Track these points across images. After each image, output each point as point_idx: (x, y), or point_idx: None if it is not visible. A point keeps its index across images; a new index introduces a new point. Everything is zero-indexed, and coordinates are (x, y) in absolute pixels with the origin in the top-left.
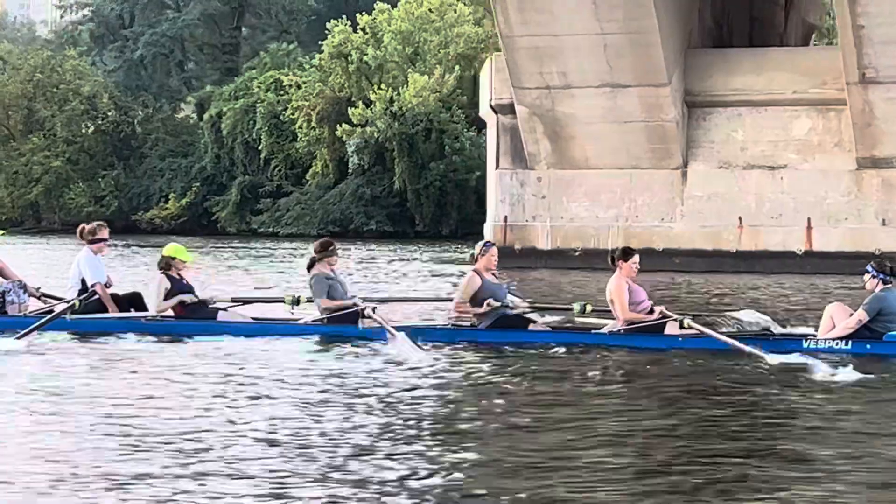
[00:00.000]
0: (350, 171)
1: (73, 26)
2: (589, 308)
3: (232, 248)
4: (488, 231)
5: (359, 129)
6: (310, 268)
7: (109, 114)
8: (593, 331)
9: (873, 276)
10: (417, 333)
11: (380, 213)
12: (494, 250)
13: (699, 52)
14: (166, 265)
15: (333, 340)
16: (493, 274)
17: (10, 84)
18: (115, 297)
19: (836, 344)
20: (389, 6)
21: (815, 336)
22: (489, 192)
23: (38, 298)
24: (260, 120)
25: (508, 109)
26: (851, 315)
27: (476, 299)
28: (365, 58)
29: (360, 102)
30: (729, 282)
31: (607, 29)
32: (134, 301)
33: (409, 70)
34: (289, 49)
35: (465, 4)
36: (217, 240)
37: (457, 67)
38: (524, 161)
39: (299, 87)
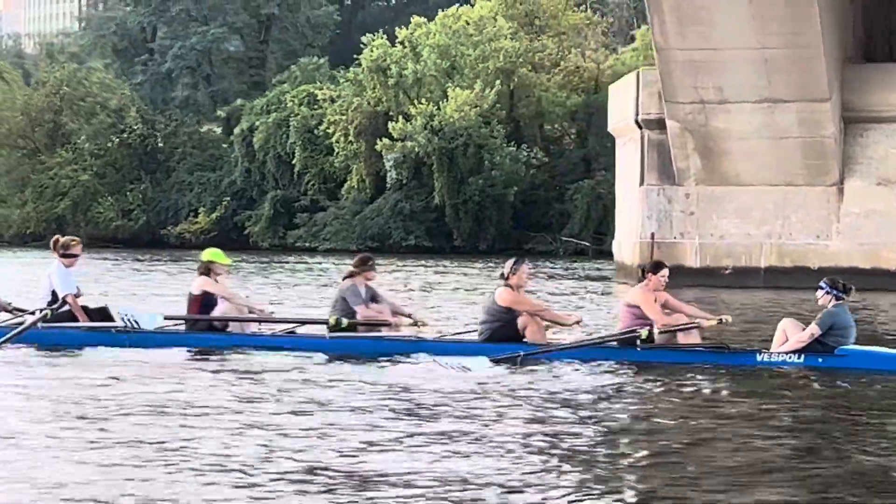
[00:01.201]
0: (388, 185)
1: (96, 39)
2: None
3: (282, 263)
4: (626, 248)
5: (399, 144)
6: (346, 278)
7: (136, 127)
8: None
9: (827, 293)
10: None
11: (418, 227)
12: (525, 267)
13: (857, 66)
14: (206, 270)
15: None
16: (523, 292)
17: (35, 97)
18: (84, 308)
19: (790, 357)
20: (426, 20)
21: (768, 350)
22: (623, 209)
23: (10, 312)
24: (293, 134)
25: (657, 124)
26: (804, 330)
27: (512, 314)
28: (405, 72)
29: (400, 117)
30: (889, 301)
31: (768, 43)
32: (103, 313)
33: (448, 84)
34: (319, 63)
35: (504, 18)
36: (251, 254)
37: (497, 82)
38: (672, 177)
39: (333, 101)
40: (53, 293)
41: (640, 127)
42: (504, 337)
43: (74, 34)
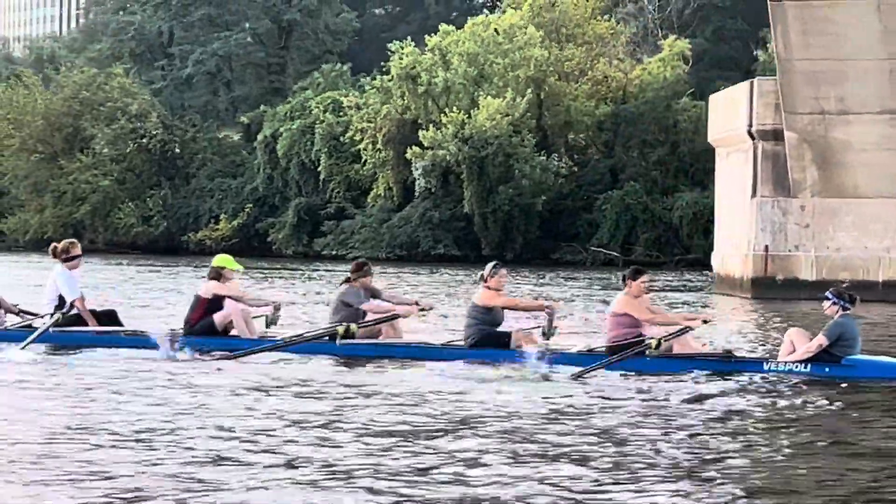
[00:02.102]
0: (416, 193)
1: (115, 43)
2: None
3: (312, 271)
4: (733, 261)
5: (429, 152)
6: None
7: (157, 132)
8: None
9: (833, 303)
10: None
11: (446, 236)
12: (504, 272)
13: None
14: (216, 275)
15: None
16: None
17: (55, 102)
18: (92, 312)
19: (797, 367)
20: (454, 27)
21: (776, 359)
22: (728, 221)
23: (16, 314)
24: (319, 141)
25: (772, 135)
26: (811, 339)
27: (492, 314)
28: (435, 80)
29: (430, 125)
30: None
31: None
32: (110, 316)
33: (479, 93)
34: (342, 70)
35: (535, 27)
36: (275, 261)
37: (528, 91)
38: (787, 189)
39: (359, 108)
40: (60, 298)
41: (752, 137)
42: (488, 336)
43: (63, 38)
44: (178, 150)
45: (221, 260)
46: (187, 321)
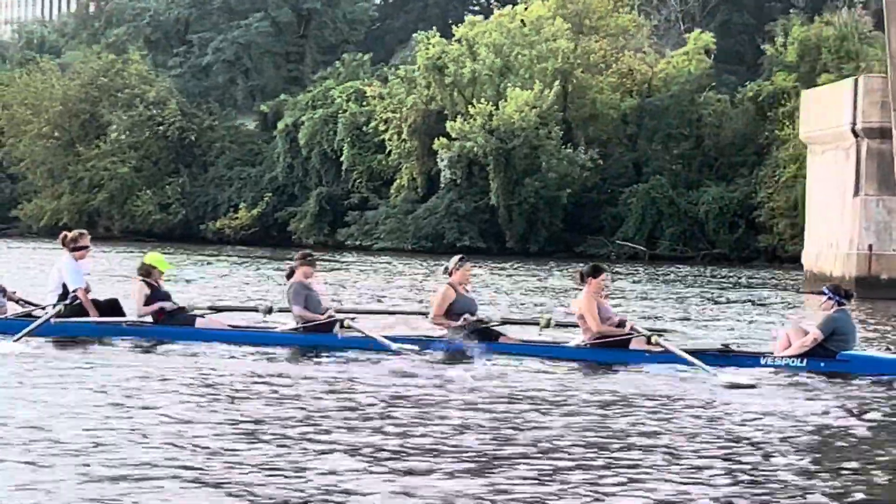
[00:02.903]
0: (442, 184)
1: (130, 30)
2: (553, 322)
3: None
4: (830, 259)
5: (457, 143)
6: (289, 277)
7: (175, 120)
8: (561, 344)
9: (829, 298)
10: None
11: (472, 228)
12: (469, 266)
13: None
14: (146, 272)
15: (309, 349)
16: (465, 289)
17: (72, 88)
18: (94, 302)
19: (793, 361)
20: (482, 17)
21: (772, 354)
22: (823, 218)
23: (17, 302)
24: (342, 130)
25: (878, 133)
26: (807, 335)
27: (450, 312)
28: (463, 70)
29: (458, 116)
30: None
31: None
32: (113, 306)
33: (507, 84)
34: (362, 59)
35: (563, 19)
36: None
37: (556, 83)
38: (891, 187)
39: (382, 98)
40: (64, 286)
41: (856, 135)
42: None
43: (52, 22)
44: (195, 138)
45: (152, 259)
46: (154, 319)
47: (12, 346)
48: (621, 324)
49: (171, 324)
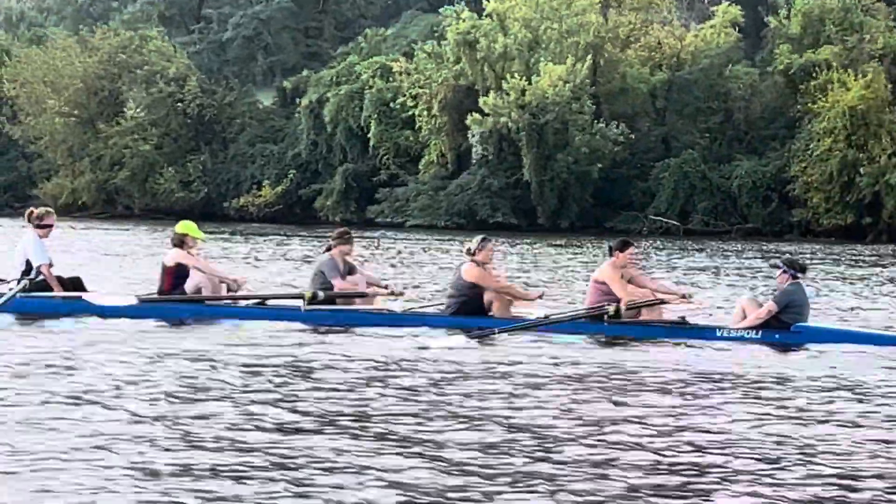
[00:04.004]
0: (473, 160)
1: (143, 6)
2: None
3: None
4: None
5: (490, 119)
6: (326, 251)
7: (195, 97)
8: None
9: (784, 272)
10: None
11: (504, 204)
12: (491, 245)
13: None
14: (180, 242)
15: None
16: (490, 269)
17: (91, 65)
18: (58, 278)
19: (748, 333)
20: None
21: (728, 326)
22: None
23: None
24: (369, 106)
25: None
26: (761, 307)
27: (476, 289)
28: (495, 45)
29: (490, 91)
30: None
31: None
32: (76, 284)
33: (540, 59)
34: (385, 34)
35: None
36: (325, 229)
37: (588, 57)
38: None
39: (409, 73)
40: (28, 263)
41: None
42: (470, 312)
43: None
44: (215, 115)
45: (185, 227)
46: (159, 290)
47: None
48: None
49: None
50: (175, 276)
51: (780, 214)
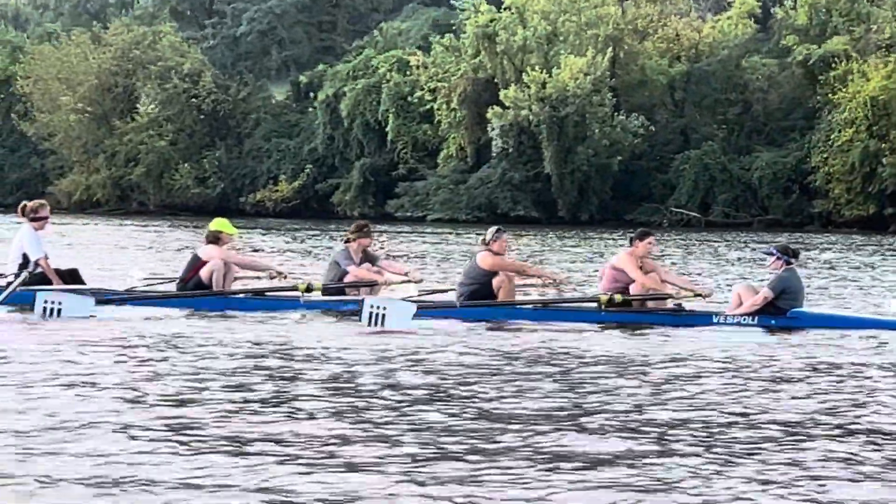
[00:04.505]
0: (493, 154)
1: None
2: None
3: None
4: None
5: (510, 112)
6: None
7: (210, 92)
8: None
9: (777, 258)
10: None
11: (525, 197)
12: (505, 237)
13: None
14: (215, 239)
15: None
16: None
17: (105, 61)
18: (56, 270)
19: (744, 319)
20: None
21: (724, 313)
22: None
23: None
24: (387, 101)
25: None
26: (757, 293)
27: (490, 277)
28: (514, 38)
29: (512, 84)
30: None
31: None
32: (73, 276)
33: (560, 51)
34: (401, 27)
35: None
36: (343, 223)
37: (609, 49)
38: None
39: (426, 67)
40: (24, 256)
41: None
42: (480, 298)
43: None
44: (229, 110)
45: (219, 224)
46: (181, 279)
47: None
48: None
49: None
50: (201, 269)
51: (800, 205)
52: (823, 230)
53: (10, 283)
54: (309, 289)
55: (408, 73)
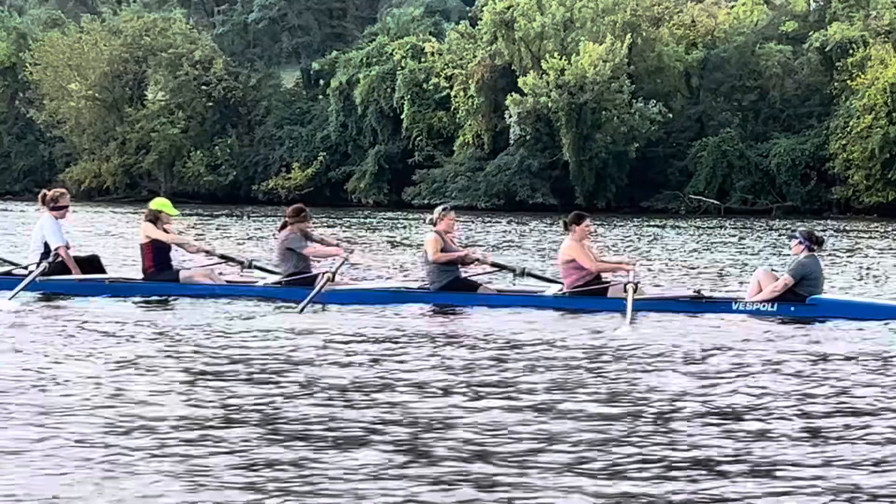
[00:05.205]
0: (511, 141)
1: None
2: (526, 271)
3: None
4: None
5: (529, 99)
6: (281, 229)
7: (222, 80)
8: (539, 294)
9: (800, 243)
10: (365, 295)
11: (543, 185)
12: (453, 214)
13: None
14: (154, 218)
15: (292, 302)
16: (451, 238)
17: (117, 48)
18: (75, 258)
19: (764, 306)
20: None
21: (743, 299)
22: None
23: None
24: (402, 88)
25: None
26: (777, 280)
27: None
28: (533, 25)
29: (531, 71)
30: None
31: None
32: (93, 262)
33: (578, 38)
34: (414, 14)
35: None
36: (361, 211)
37: (628, 36)
38: None
39: (441, 54)
40: (46, 245)
41: None
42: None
43: None
44: (240, 97)
45: (159, 204)
46: (143, 270)
47: (9, 304)
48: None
49: (155, 279)
50: (154, 252)
51: (818, 192)
52: (842, 217)
53: (31, 272)
54: (250, 265)
55: (422, 59)
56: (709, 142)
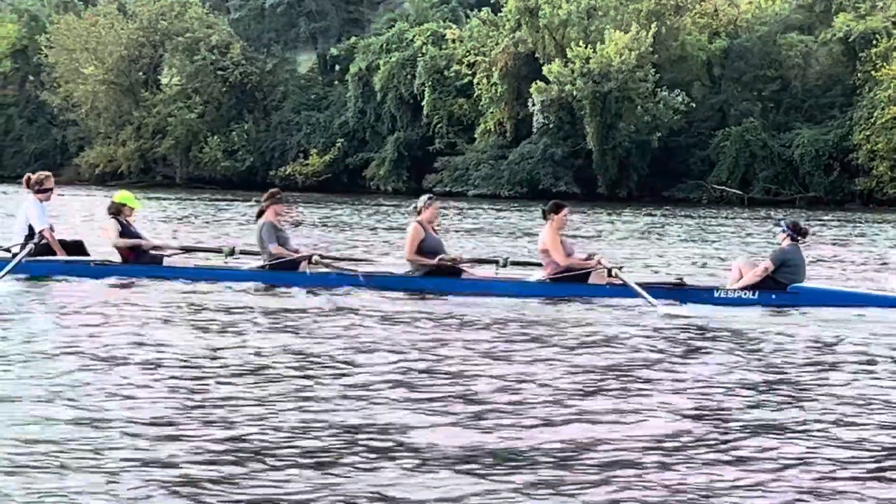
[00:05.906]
0: (534, 129)
1: None
2: (509, 261)
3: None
4: None
5: (554, 87)
6: (258, 217)
7: (239, 65)
8: (522, 280)
9: (783, 231)
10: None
11: (566, 174)
12: (438, 204)
13: None
14: (117, 210)
15: (276, 286)
16: (434, 228)
17: (133, 32)
18: (60, 242)
19: (745, 294)
20: None
21: (724, 287)
22: None
23: None
24: (422, 74)
25: None
26: (756, 267)
27: (421, 250)
28: (558, 12)
29: (556, 59)
30: None
31: None
32: (78, 247)
33: (604, 27)
34: (433, 0)
35: None
36: (380, 198)
37: (653, 24)
38: None
39: (461, 41)
40: (30, 227)
41: None
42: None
43: None
44: (256, 83)
45: (123, 197)
46: (123, 259)
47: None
48: (589, 258)
49: (138, 263)
50: (125, 248)
51: (841, 183)
52: (865, 208)
53: (16, 255)
54: (232, 252)
55: (443, 46)
56: (732, 131)
